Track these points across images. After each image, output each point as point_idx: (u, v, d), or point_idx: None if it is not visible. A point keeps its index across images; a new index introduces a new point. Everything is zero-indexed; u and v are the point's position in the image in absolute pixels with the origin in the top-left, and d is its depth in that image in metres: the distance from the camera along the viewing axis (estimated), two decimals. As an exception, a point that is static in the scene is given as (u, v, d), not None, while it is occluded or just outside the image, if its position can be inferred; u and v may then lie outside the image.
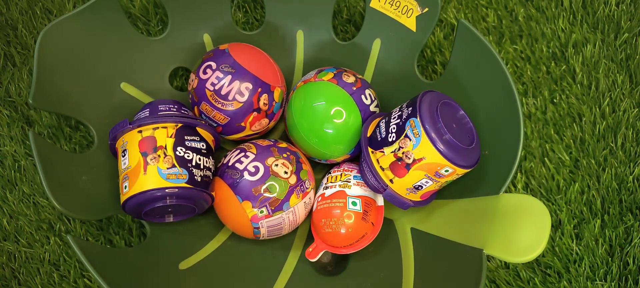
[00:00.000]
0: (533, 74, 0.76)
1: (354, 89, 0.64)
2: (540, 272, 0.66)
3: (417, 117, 0.56)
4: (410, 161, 0.56)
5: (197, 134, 0.62)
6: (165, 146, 0.59)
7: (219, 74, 0.64)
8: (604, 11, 0.78)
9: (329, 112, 0.63)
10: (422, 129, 0.55)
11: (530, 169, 0.70)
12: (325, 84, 0.64)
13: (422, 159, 0.56)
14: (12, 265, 0.67)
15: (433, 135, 0.55)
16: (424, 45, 0.68)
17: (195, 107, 0.66)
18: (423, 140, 0.55)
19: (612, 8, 0.78)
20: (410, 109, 0.57)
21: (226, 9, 0.75)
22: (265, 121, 0.67)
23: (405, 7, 0.69)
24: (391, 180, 0.58)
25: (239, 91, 0.64)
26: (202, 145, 0.62)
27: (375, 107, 0.66)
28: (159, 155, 0.59)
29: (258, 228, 0.62)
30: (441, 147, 0.55)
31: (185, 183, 0.59)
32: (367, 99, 0.65)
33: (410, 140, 0.56)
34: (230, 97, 0.64)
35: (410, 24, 0.69)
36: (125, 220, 0.69)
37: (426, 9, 0.67)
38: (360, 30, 0.73)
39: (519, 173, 0.70)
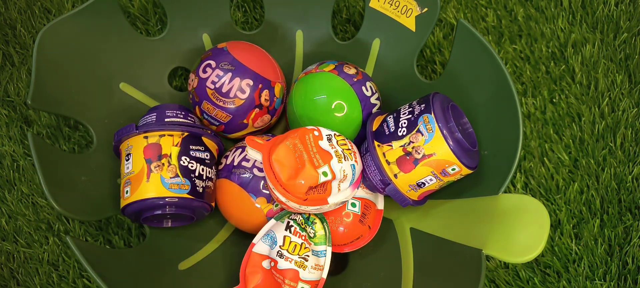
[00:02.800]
0: (532, 74, 0.76)
1: (355, 80, 0.64)
2: (539, 271, 0.66)
3: (431, 113, 0.56)
4: (419, 156, 0.57)
5: (203, 144, 0.62)
6: (170, 154, 0.59)
7: (219, 71, 0.64)
8: (603, 11, 0.78)
9: (330, 105, 0.63)
10: (436, 125, 0.56)
11: (530, 169, 0.70)
12: (326, 74, 0.65)
13: (432, 155, 0.56)
14: (10, 265, 0.67)
15: (445, 132, 0.56)
16: (423, 45, 0.68)
17: (196, 107, 0.66)
18: (436, 135, 0.56)
19: (611, 8, 0.78)
20: (423, 105, 0.58)
21: (225, 8, 0.74)
22: (267, 117, 0.67)
23: (405, 6, 0.68)
24: (395, 175, 0.59)
25: (240, 88, 0.64)
26: (206, 155, 0.62)
27: (377, 99, 0.66)
28: (163, 164, 0.59)
29: None
30: (453, 144, 0.56)
31: (187, 194, 0.59)
32: (368, 91, 0.65)
33: (422, 135, 0.56)
34: (231, 95, 0.64)
35: (410, 23, 0.68)
36: (124, 220, 0.68)
37: (426, 9, 0.67)
38: (360, 30, 0.73)
39: (518, 173, 0.70)
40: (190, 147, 0.60)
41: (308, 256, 0.58)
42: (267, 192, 0.61)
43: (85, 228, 0.68)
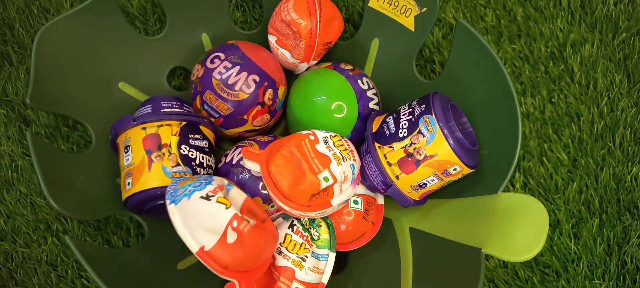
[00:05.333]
0: (531, 74, 0.76)
1: (351, 74, 0.65)
2: (538, 271, 0.66)
3: (432, 114, 0.56)
4: (421, 157, 0.57)
5: (201, 132, 0.62)
6: (170, 144, 0.60)
7: (227, 63, 0.64)
8: (602, 11, 0.78)
9: (330, 106, 0.63)
10: (437, 125, 0.56)
11: (529, 169, 0.71)
12: (323, 71, 0.65)
13: (434, 156, 0.56)
14: (9, 265, 0.67)
15: (446, 131, 0.56)
16: (422, 44, 0.68)
17: (198, 96, 0.66)
18: (438, 136, 0.56)
19: (610, 8, 0.78)
20: (424, 106, 0.57)
21: (225, 8, 0.74)
22: (267, 116, 0.67)
23: (404, 6, 0.68)
24: (397, 177, 0.59)
25: (246, 82, 0.64)
26: (205, 144, 0.62)
27: (374, 94, 0.66)
28: (164, 154, 0.59)
29: None
30: (454, 144, 0.56)
31: None
32: (364, 85, 0.65)
33: (423, 136, 0.56)
34: (237, 88, 0.64)
35: (409, 23, 0.68)
36: (123, 220, 0.68)
37: (425, 9, 0.67)
38: (359, 30, 0.73)
39: (517, 173, 0.70)
40: (189, 135, 0.61)
41: (306, 257, 0.58)
42: (265, 192, 0.61)
43: (84, 228, 0.68)
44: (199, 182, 0.53)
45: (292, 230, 0.59)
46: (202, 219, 0.51)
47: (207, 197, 0.52)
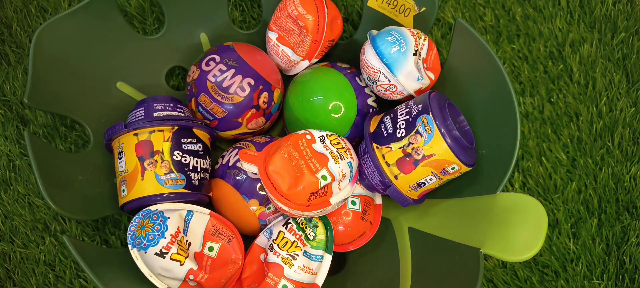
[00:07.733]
0: (530, 73, 0.76)
1: (348, 72, 0.65)
2: (537, 271, 0.66)
3: (429, 114, 0.56)
4: (419, 157, 0.57)
5: (194, 135, 0.61)
6: (162, 150, 0.59)
7: (222, 66, 0.64)
8: (601, 11, 0.78)
9: (327, 107, 0.63)
10: (435, 125, 0.56)
11: (528, 168, 0.71)
12: (321, 69, 0.65)
13: (432, 155, 0.56)
14: (7, 265, 0.67)
15: (443, 130, 0.56)
16: (421, 44, 0.68)
17: (193, 99, 0.66)
18: (435, 136, 0.56)
19: (609, 7, 0.78)
20: (421, 106, 0.57)
21: (223, 7, 0.74)
22: (262, 120, 0.67)
23: (403, 6, 0.68)
24: (396, 177, 0.59)
25: (241, 86, 0.64)
26: (199, 147, 0.61)
27: (371, 91, 0.66)
28: (156, 161, 0.59)
29: (266, 224, 0.62)
30: (451, 142, 0.56)
31: (183, 188, 0.59)
32: (362, 82, 0.65)
33: (421, 136, 0.56)
34: (231, 91, 0.64)
35: (408, 23, 0.68)
36: (121, 220, 0.68)
37: (424, 8, 0.67)
38: (358, 29, 0.73)
39: (516, 173, 0.70)
40: (182, 140, 0.60)
41: (297, 255, 0.57)
42: (263, 193, 0.61)
43: (82, 228, 0.68)
44: (153, 235, 0.56)
45: (286, 228, 0.59)
46: (162, 271, 0.56)
47: (161, 254, 0.55)
